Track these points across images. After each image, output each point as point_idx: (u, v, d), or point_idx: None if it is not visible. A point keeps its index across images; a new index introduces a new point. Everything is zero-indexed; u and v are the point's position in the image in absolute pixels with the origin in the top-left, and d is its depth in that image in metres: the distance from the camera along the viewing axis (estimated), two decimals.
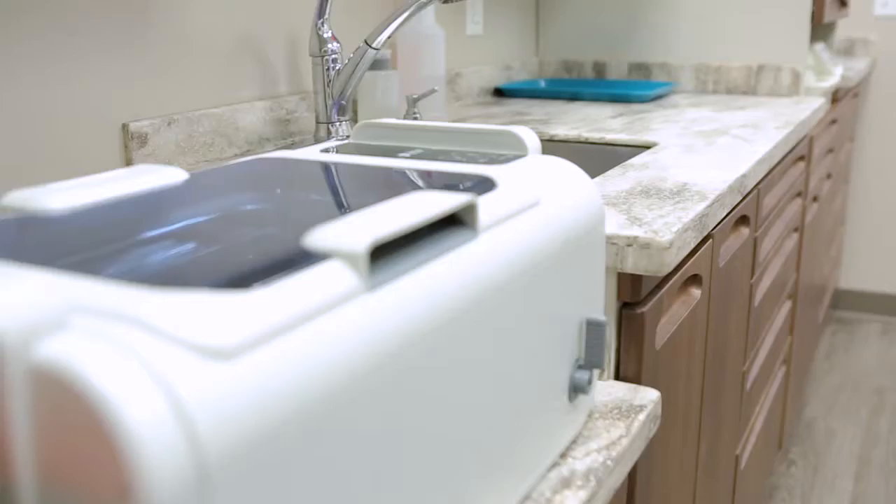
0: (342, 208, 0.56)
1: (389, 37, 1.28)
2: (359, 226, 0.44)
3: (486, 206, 0.55)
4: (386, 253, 0.46)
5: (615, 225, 0.86)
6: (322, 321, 0.39)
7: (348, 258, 0.42)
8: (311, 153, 0.74)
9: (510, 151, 0.71)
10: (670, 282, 0.95)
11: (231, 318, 0.35)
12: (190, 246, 0.49)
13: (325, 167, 0.69)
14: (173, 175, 0.64)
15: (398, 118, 1.52)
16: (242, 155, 1.29)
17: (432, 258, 0.48)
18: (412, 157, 0.70)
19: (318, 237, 0.44)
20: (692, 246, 0.93)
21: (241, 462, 0.33)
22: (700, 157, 1.24)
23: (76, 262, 0.43)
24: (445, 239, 0.51)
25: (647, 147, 1.37)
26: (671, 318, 0.99)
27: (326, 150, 0.75)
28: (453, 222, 0.53)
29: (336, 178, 0.68)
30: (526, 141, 0.71)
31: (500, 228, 0.55)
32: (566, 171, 0.69)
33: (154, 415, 0.30)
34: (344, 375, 0.38)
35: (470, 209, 0.52)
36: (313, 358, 0.37)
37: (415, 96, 1.53)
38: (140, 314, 0.34)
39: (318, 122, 1.33)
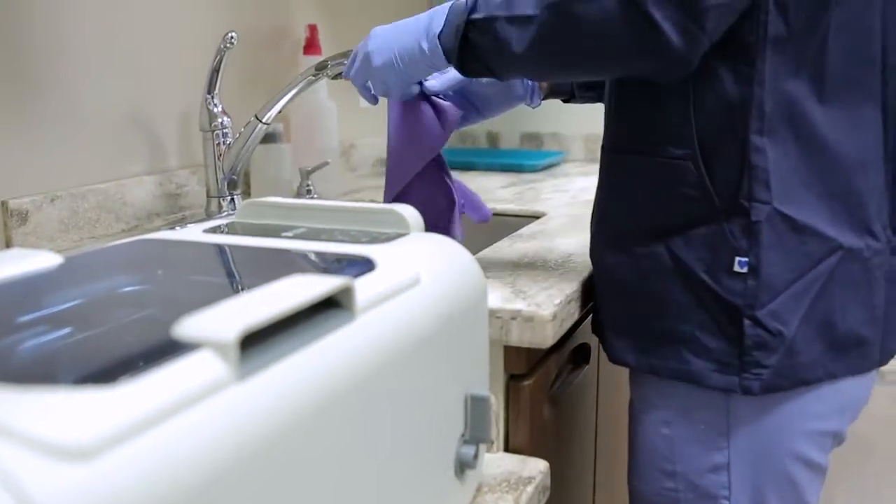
0: (219, 293, 0.56)
1: (280, 111, 1.29)
2: (229, 314, 0.44)
3: (364, 287, 0.55)
4: (259, 339, 0.46)
5: (500, 298, 0.87)
6: (188, 415, 0.38)
7: (218, 348, 0.42)
8: (194, 234, 0.73)
9: (392, 229, 0.72)
10: (557, 352, 0.97)
11: (91, 416, 0.35)
12: (58, 335, 0.48)
13: (207, 249, 0.69)
14: (46, 259, 0.62)
15: (291, 190, 1.52)
16: (130, 231, 1.27)
17: (307, 343, 0.48)
18: (295, 237, 0.70)
19: (188, 326, 0.43)
20: (577, 316, 0.95)
21: None
22: (586, 227, 1.27)
23: None
24: (322, 322, 0.51)
25: (536, 217, 1.40)
26: (560, 388, 1.00)
27: (210, 231, 0.75)
28: (331, 305, 0.53)
29: (217, 261, 0.67)
30: (408, 219, 0.72)
31: (378, 310, 0.55)
32: (448, 248, 0.70)
33: None
34: (211, 470, 0.38)
35: (347, 292, 0.53)
36: (177, 454, 0.36)
37: (308, 168, 1.54)
38: None
39: (209, 197, 1.33)
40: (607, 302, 0.96)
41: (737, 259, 0.85)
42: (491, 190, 1.65)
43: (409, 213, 0.73)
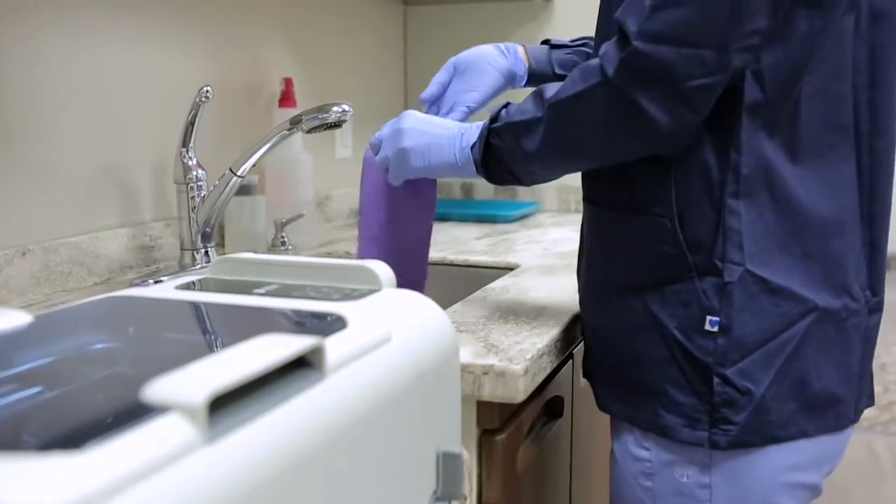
0: (190, 352, 0.56)
1: (254, 164, 1.29)
2: (198, 376, 0.44)
3: (335, 346, 0.56)
4: (229, 400, 0.46)
5: (472, 353, 0.88)
6: (157, 480, 0.38)
7: (186, 411, 0.42)
8: (166, 290, 0.73)
9: (364, 286, 0.72)
10: (531, 405, 0.98)
11: (57, 483, 0.35)
12: (25, 395, 0.48)
13: (179, 306, 0.69)
14: (15, 318, 0.62)
15: (266, 242, 1.53)
16: (102, 284, 1.26)
17: (276, 404, 0.48)
18: (267, 294, 0.70)
19: (156, 389, 0.43)
20: (549, 370, 0.95)
21: None
22: (559, 279, 1.28)
23: None
24: (292, 382, 0.51)
25: (509, 269, 1.41)
26: (534, 441, 1.00)
27: (182, 287, 0.75)
28: (302, 364, 0.53)
29: (188, 319, 0.67)
30: (380, 275, 0.73)
31: (348, 369, 0.56)
32: (419, 304, 0.70)
33: None
34: None
35: (317, 352, 0.53)
36: None
37: (283, 221, 1.54)
38: None
39: (182, 249, 1.32)
40: (594, 349, 0.99)
41: (708, 318, 0.87)
42: (465, 241, 1.66)
43: (380, 269, 0.74)
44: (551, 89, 0.89)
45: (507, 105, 0.95)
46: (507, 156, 0.93)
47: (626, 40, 0.81)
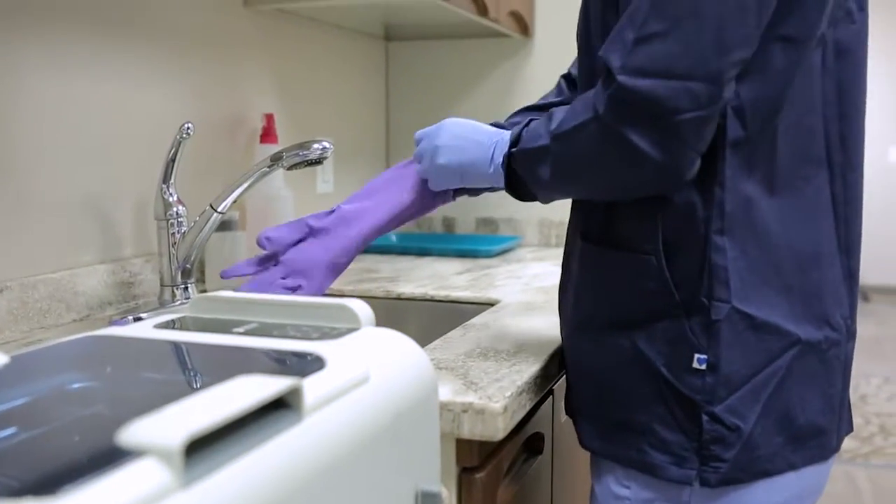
0: (168, 392, 0.56)
1: (235, 201, 1.30)
2: (174, 419, 0.44)
3: (313, 387, 0.56)
4: (206, 442, 0.46)
5: (451, 391, 0.88)
6: None
7: (162, 455, 0.42)
8: (144, 329, 0.73)
9: (343, 324, 0.73)
10: (511, 442, 0.98)
11: None
12: (1, 437, 0.48)
13: (157, 346, 0.69)
14: None
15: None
16: (81, 321, 1.26)
17: (254, 446, 0.48)
18: (246, 333, 0.70)
19: (132, 433, 0.43)
20: (529, 407, 0.96)
21: None
22: (539, 315, 1.29)
23: None
24: (270, 424, 0.51)
25: (490, 304, 1.42)
26: (514, 479, 1.00)
27: (161, 326, 0.75)
28: (280, 405, 0.53)
29: (166, 358, 0.67)
30: (359, 314, 0.73)
31: (326, 409, 0.56)
32: (398, 343, 0.71)
33: None
34: None
35: (295, 393, 0.53)
36: None
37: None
38: None
39: (162, 285, 1.32)
40: (577, 386, 0.99)
41: (696, 356, 0.87)
42: (446, 276, 1.67)
43: (359, 308, 0.74)
44: (557, 116, 0.89)
45: (528, 123, 0.95)
46: (527, 180, 0.94)
47: (611, 76, 0.82)
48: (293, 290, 1.05)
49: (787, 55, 0.84)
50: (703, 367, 0.87)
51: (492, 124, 1.04)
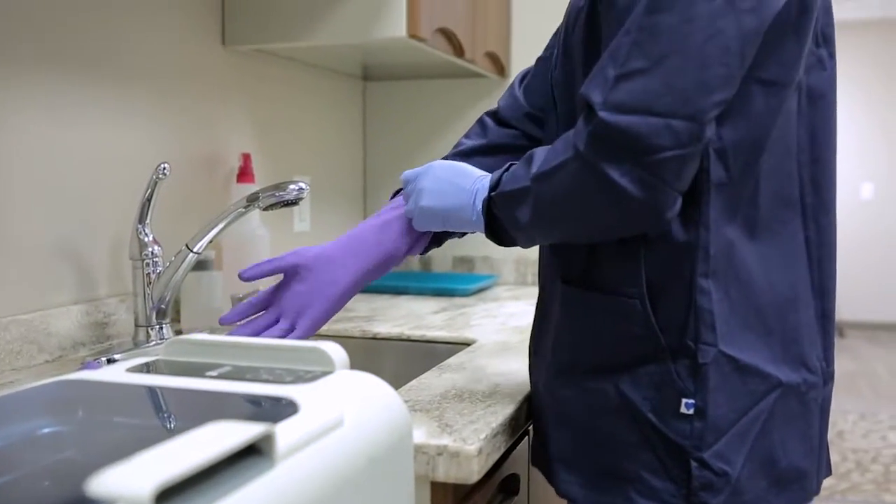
0: (140, 438, 0.55)
1: (211, 241, 1.30)
2: (145, 468, 0.44)
3: (286, 432, 0.56)
4: (178, 490, 0.46)
5: (425, 434, 0.88)
6: None
7: None
8: (117, 374, 0.73)
9: (318, 367, 0.73)
10: (486, 483, 0.97)
11: None
12: None
13: (129, 391, 0.68)
14: None
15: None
16: (53, 362, 1.25)
17: (227, 493, 0.48)
18: (219, 377, 0.70)
19: (103, 482, 0.43)
20: (504, 449, 0.96)
21: None
22: (514, 355, 1.29)
23: None
24: (242, 470, 0.51)
25: (466, 344, 1.42)
26: None
27: (133, 370, 0.74)
28: (252, 451, 0.53)
29: (139, 403, 0.67)
30: (333, 357, 0.73)
31: (299, 455, 0.56)
32: (372, 387, 0.71)
33: None
34: None
35: (267, 439, 0.53)
36: None
37: (239, 296, 1.53)
38: None
39: (137, 326, 1.31)
40: (556, 433, 0.97)
41: (683, 401, 0.87)
42: (422, 315, 1.67)
43: (333, 351, 0.74)
44: (538, 158, 0.88)
45: (509, 167, 0.94)
46: (507, 225, 0.93)
47: (592, 112, 0.82)
48: (286, 333, 1.05)
49: (768, 99, 0.86)
50: (691, 411, 0.86)
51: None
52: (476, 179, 0.97)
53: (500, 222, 0.94)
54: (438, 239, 1.09)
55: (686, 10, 0.80)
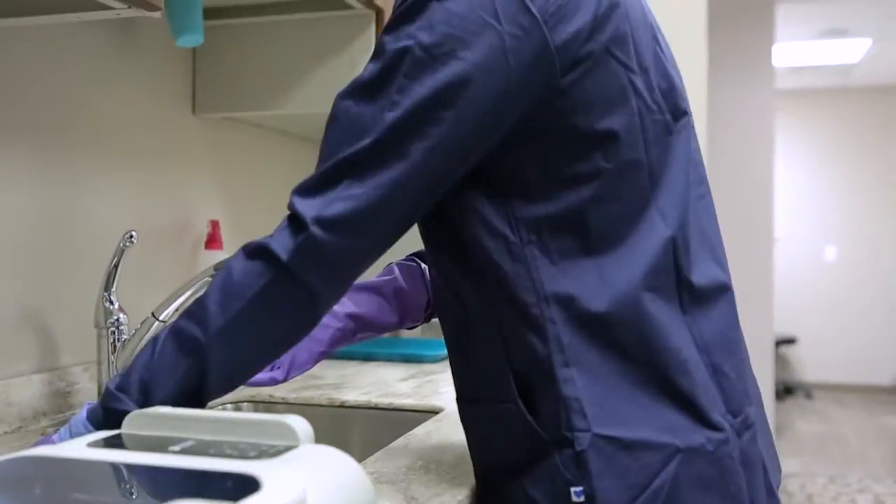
0: None
1: (177, 309, 1.29)
2: None
3: None
4: None
5: None
6: None
7: None
8: (77, 448, 0.72)
9: (282, 442, 0.72)
10: None
11: None
12: None
13: (89, 467, 0.68)
14: None
15: None
16: (12, 433, 1.22)
17: None
18: (182, 452, 0.70)
19: None
20: None
21: None
22: None
23: None
24: None
25: (434, 412, 1.41)
26: None
27: (94, 444, 0.73)
28: None
29: (99, 480, 0.66)
30: (298, 431, 0.73)
31: None
32: (336, 462, 0.70)
33: None
34: None
35: None
36: None
37: None
38: None
39: (100, 395, 1.30)
40: None
41: (572, 490, 0.86)
42: (390, 382, 1.66)
43: (298, 424, 0.73)
44: (192, 327, 0.84)
45: (127, 374, 0.86)
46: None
47: (302, 225, 0.83)
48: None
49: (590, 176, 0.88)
50: (582, 499, 0.85)
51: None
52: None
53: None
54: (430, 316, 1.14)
55: None
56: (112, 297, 1.30)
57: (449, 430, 1.25)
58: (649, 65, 0.93)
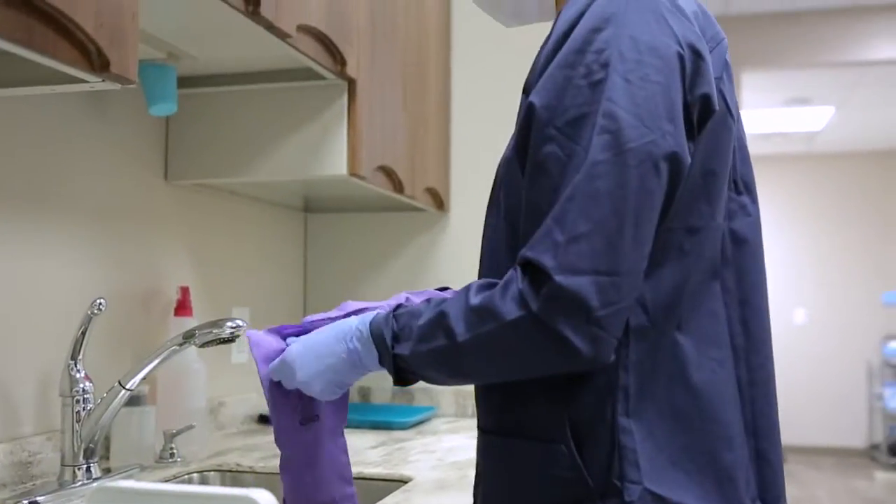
0: None
1: (144, 378, 1.28)
2: None
3: None
4: None
5: None
6: None
7: None
8: None
9: None
10: None
11: None
12: None
13: None
14: None
15: (154, 454, 1.48)
16: None
17: None
18: None
19: None
20: None
21: None
22: (452, 493, 1.28)
23: None
24: None
25: (403, 482, 1.40)
26: None
27: None
28: None
29: None
30: None
31: None
32: None
33: None
34: None
35: None
36: None
37: (172, 431, 1.51)
38: None
39: (63, 465, 1.28)
40: None
41: None
42: (360, 450, 1.65)
43: (262, 498, 0.73)
44: (457, 320, 0.89)
45: (396, 314, 0.95)
46: (421, 377, 0.95)
47: (544, 275, 0.84)
48: None
49: (684, 246, 0.90)
50: None
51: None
52: (349, 337, 0.99)
53: (411, 378, 0.96)
54: None
55: (620, 177, 0.84)
56: (78, 366, 1.29)
57: (418, 500, 1.23)
58: None
